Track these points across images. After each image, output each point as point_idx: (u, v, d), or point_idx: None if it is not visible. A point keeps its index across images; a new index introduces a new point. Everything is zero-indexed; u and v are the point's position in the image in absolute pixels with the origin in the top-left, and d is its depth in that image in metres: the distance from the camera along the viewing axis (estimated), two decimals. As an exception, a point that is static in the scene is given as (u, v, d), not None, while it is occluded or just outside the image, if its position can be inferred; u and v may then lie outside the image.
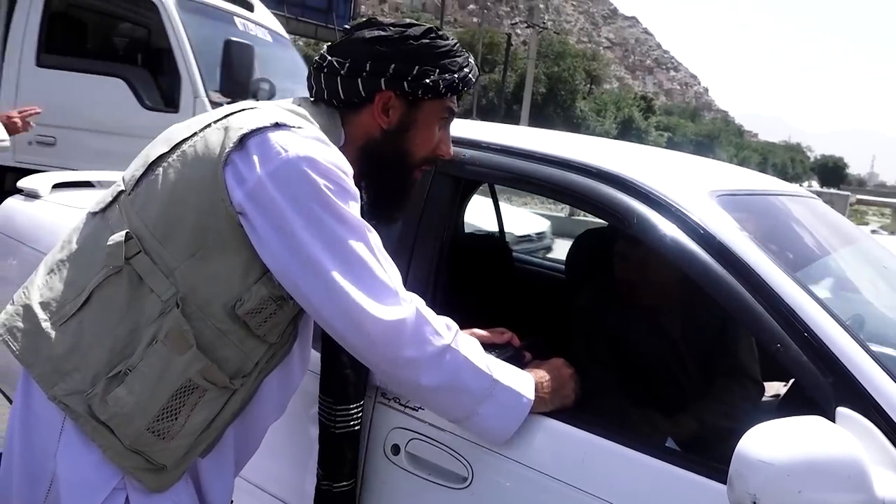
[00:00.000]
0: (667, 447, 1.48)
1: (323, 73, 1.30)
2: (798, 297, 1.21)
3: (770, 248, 1.31)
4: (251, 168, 1.15)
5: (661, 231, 1.35)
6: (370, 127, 1.32)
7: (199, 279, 1.18)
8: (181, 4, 5.22)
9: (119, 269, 1.19)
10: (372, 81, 1.28)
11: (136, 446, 1.18)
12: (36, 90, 5.18)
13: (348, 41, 1.31)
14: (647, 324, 1.93)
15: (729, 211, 1.39)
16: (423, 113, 1.33)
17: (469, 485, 1.37)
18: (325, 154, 1.18)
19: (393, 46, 1.28)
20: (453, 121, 1.41)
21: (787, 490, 0.97)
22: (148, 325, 1.17)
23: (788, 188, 1.98)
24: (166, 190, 1.19)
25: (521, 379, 1.31)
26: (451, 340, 1.22)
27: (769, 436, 1.01)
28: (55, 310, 1.21)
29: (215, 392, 1.22)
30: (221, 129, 1.21)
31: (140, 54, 5.85)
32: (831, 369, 1.15)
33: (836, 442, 1.01)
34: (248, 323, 1.21)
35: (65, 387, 1.17)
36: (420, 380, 1.20)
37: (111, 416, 1.16)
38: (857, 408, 1.10)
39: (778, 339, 1.19)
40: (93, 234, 1.26)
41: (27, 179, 2.70)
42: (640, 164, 1.57)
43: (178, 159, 1.21)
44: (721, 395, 1.86)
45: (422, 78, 1.28)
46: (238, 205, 1.16)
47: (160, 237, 1.18)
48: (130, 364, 1.17)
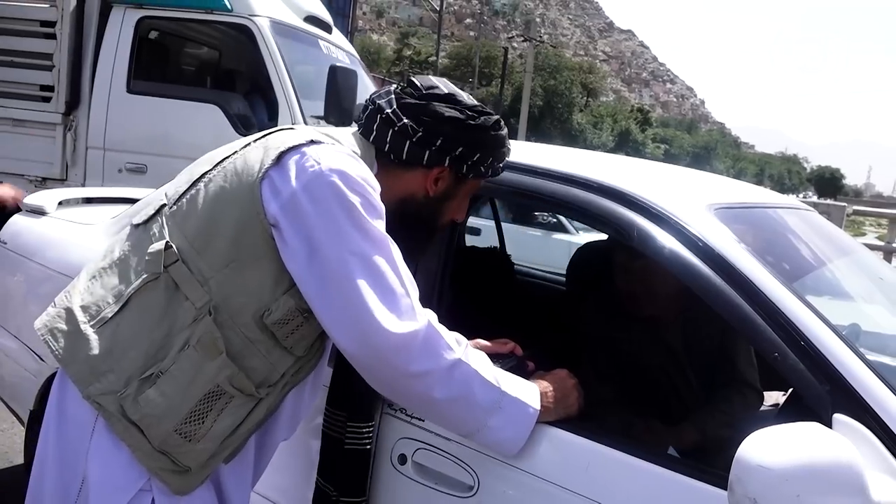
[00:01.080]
0: (669, 454, 1.51)
1: (393, 129, 1.34)
2: (795, 307, 1.25)
3: (767, 260, 1.35)
4: (286, 181, 1.21)
5: (660, 243, 1.39)
6: (416, 188, 1.39)
7: (232, 289, 1.23)
8: (276, 29, 5.13)
9: (157, 276, 1.24)
10: (438, 156, 1.35)
11: (163, 447, 1.23)
12: (126, 117, 5.18)
13: (422, 108, 1.34)
14: (648, 335, 1.96)
15: (727, 223, 1.42)
16: (465, 188, 1.44)
17: (475, 493, 1.40)
18: (357, 168, 1.24)
19: (466, 132, 1.35)
20: None
21: (786, 494, 0.99)
22: (181, 330, 1.22)
23: (785, 200, 2.02)
24: (206, 204, 1.26)
25: (528, 389, 1.34)
26: (461, 354, 1.25)
27: (768, 441, 1.03)
28: (94, 313, 1.27)
29: (241, 399, 1.27)
30: (261, 148, 1.29)
31: (234, 80, 5.80)
32: (828, 377, 1.18)
33: (832, 447, 1.04)
34: (276, 333, 1.26)
35: (99, 386, 1.22)
36: (433, 392, 1.23)
37: (142, 417, 1.21)
38: (854, 414, 1.13)
39: (776, 349, 1.22)
40: (135, 244, 1.32)
41: (33, 196, 2.74)
42: (639, 178, 1.61)
43: (218, 175, 1.28)
44: (721, 403, 1.89)
45: (479, 164, 1.39)
46: (272, 217, 1.21)
47: (198, 248, 1.24)
48: (163, 367, 1.21)
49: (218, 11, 5.12)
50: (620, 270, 1.99)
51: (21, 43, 5.45)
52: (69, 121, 5.34)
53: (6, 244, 2.54)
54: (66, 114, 5.32)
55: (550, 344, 2.03)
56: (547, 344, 2.01)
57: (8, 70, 5.46)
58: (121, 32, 5.23)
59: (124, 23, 5.24)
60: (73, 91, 5.30)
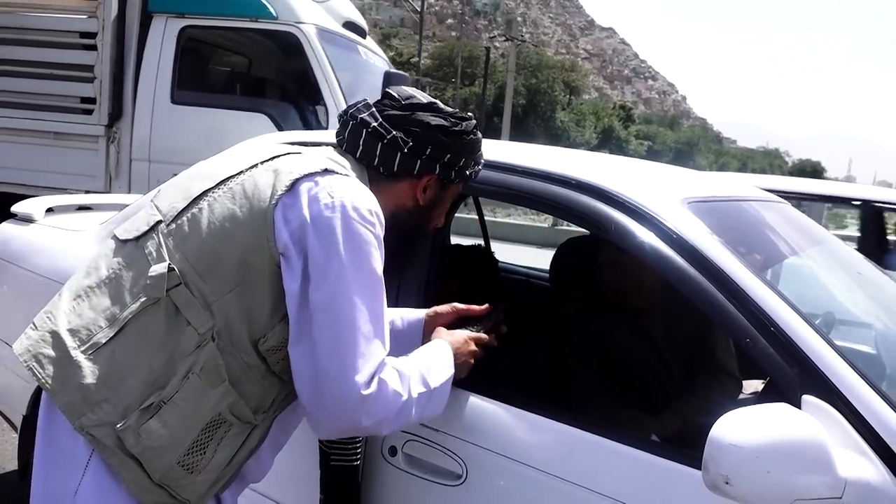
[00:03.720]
0: (648, 439, 1.56)
1: (382, 142, 1.35)
2: (764, 294, 1.31)
3: (739, 251, 1.41)
4: (299, 211, 1.20)
5: (637, 237, 1.44)
6: (406, 199, 1.41)
7: (235, 314, 1.20)
8: (322, 36, 5.08)
9: (157, 300, 1.19)
10: (429, 165, 1.38)
11: (164, 481, 1.19)
12: (171, 128, 5.10)
13: (408, 119, 1.36)
14: (629, 327, 2.01)
15: (700, 217, 1.48)
16: (448, 193, 1.48)
17: (464, 482, 1.45)
18: (368, 203, 1.24)
19: (452, 138, 1.38)
20: None
21: (757, 471, 1.05)
22: (184, 357, 1.18)
23: (759, 194, 2.08)
24: (212, 225, 1.22)
25: (444, 363, 1.35)
26: (406, 392, 1.24)
27: (739, 421, 1.09)
28: (85, 338, 1.20)
29: (239, 427, 1.25)
30: (271, 172, 1.26)
31: (279, 87, 5.69)
32: (797, 361, 1.24)
33: (801, 426, 1.10)
34: (268, 359, 1.24)
35: (94, 418, 1.16)
36: (380, 430, 1.25)
37: (143, 450, 1.16)
38: (822, 395, 1.19)
39: (747, 334, 1.28)
40: (127, 262, 1.25)
41: (21, 204, 2.75)
42: (616, 174, 1.66)
43: (224, 196, 1.24)
44: (701, 391, 1.94)
45: (465, 168, 1.43)
46: (283, 245, 1.20)
47: (201, 271, 1.20)
48: (164, 396, 1.17)
49: (263, 19, 5.04)
50: (607, 265, 2.03)
51: (61, 55, 5.33)
52: (112, 133, 5.23)
53: (-6, 252, 2.55)
54: (108, 126, 5.21)
55: (535, 338, 2.08)
56: (532, 339, 2.07)
57: (48, 83, 5.34)
58: (163, 42, 5.17)
59: (166, 32, 5.16)
60: (115, 102, 5.20)
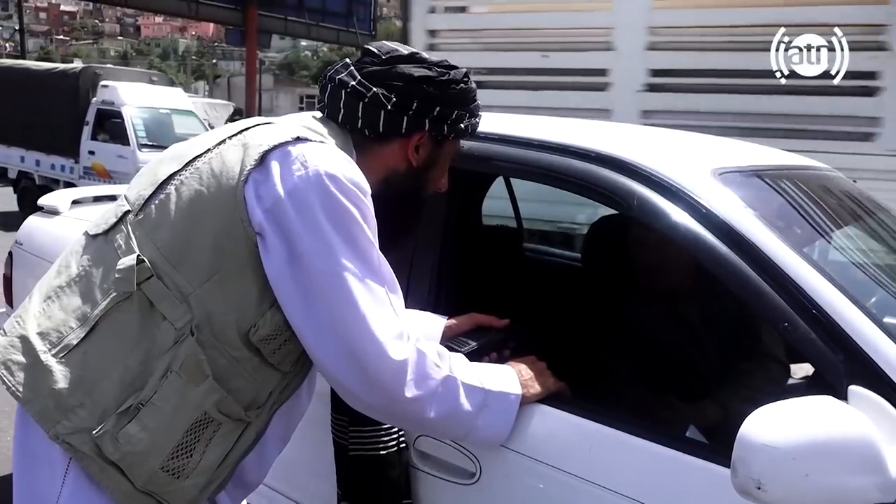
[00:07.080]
0: (680, 436, 1.44)
1: (363, 101, 1.24)
2: (805, 273, 1.17)
3: (776, 225, 1.27)
4: (272, 186, 1.11)
5: (662, 212, 1.32)
6: (397, 161, 1.30)
7: (215, 305, 1.12)
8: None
9: (129, 295, 1.11)
10: (417, 121, 1.26)
11: (148, 487, 1.11)
12: None
13: (389, 73, 1.25)
14: (665, 309, 1.89)
15: (733, 189, 1.34)
16: (445, 152, 1.35)
17: (478, 480, 1.36)
18: (346, 170, 1.14)
19: (439, 89, 1.26)
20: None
21: (794, 474, 0.93)
22: (161, 354, 1.10)
23: (802, 161, 1.92)
24: (181, 211, 1.14)
25: (507, 377, 1.29)
26: (447, 369, 1.19)
27: (773, 418, 0.97)
28: (55, 340, 1.13)
29: (230, 425, 1.16)
30: (239, 146, 1.16)
31: None
32: (842, 346, 1.10)
33: (845, 422, 0.97)
34: (262, 350, 1.15)
35: (69, 425, 1.09)
36: (425, 413, 1.17)
37: (123, 456, 1.09)
38: (871, 385, 1.05)
39: (786, 318, 1.15)
40: (96, 257, 1.18)
41: (47, 197, 2.77)
42: (639, 145, 1.54)
43: (192, 177, 1.15)
44: (744, 378, 1.81)
45: (458, 122, 1.30)
46: (258, 224, 1.11)
47: (174, 261, 1.12)
48: (142, 398, 1.09)
49: None
50: (635, 243, 1.92)
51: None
52: None
53: (22, 245, 2.57)
54: None
55: (565, 323, 1.98)
56: (561, 323, 1.96)
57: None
58: None
59: None
60: None
